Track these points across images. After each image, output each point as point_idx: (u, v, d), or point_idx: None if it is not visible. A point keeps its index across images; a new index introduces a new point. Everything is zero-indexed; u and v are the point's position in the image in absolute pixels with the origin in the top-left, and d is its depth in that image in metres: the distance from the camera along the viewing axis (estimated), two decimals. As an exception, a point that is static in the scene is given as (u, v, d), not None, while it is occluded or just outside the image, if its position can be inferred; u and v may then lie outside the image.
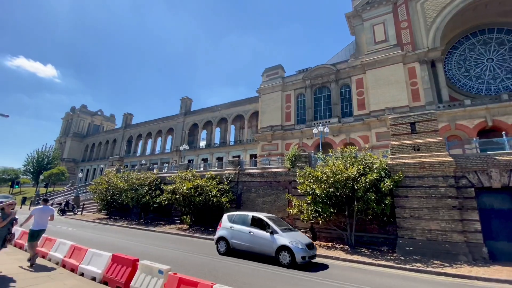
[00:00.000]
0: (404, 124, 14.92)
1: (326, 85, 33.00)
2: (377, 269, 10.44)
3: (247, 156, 40.18)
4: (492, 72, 28.44)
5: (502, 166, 12.26)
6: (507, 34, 28.41)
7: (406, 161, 13.83)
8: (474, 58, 29.56)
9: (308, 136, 31.46)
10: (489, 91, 27.95)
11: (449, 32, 29.43)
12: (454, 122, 24.33)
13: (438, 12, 27.69)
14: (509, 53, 28.06)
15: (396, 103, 26.84)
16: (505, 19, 28.11)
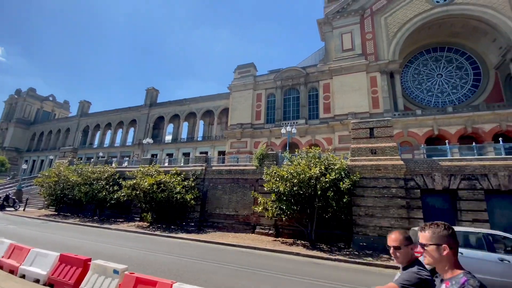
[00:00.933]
0: (364, 129, 16.07)
1: (296, 87, 34.02)
2: (333, 264, 11.14)
3: (215, 153, 39.69)
4: (440, 86, 31.95)
5: (444, 171, 13.89)
6: (455, 53, 32.13)
7: (364, 163, 14.93)
8: (426, 72, 32.90)
9: (276, 136, 32.15)
10: (437, 103, 31.37)
11: (407, 47, 32.30)
12: (407, 129, 26.86)
13: (399, 28, 30.23)
14: (455, 70, 31.77)
15: (358, 108, 28.73)
16: (455, 39, 31.75)
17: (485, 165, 13.26)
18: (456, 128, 25.34)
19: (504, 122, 23.90)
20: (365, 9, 32.00)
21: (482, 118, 24.61)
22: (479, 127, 24.60)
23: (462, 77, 31.37)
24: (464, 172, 13.48)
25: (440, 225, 1.77)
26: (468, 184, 13.27)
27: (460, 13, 28.26)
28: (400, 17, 30.54)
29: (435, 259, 1.70)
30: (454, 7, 28.41)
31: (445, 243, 1.68)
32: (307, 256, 12.20)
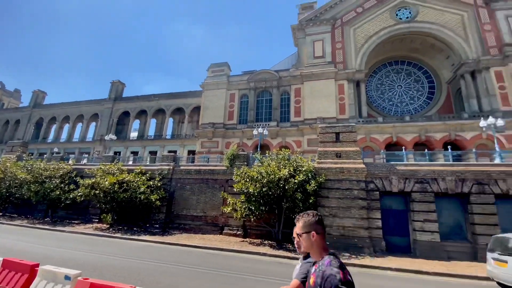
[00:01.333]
0: (330, 133, 16.85)
1: (269, 89, 34.53)
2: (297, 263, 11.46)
3: (184, 152, 38.60)
4: (400, 97, 34.73)
5: (400, 175, 15.10)
6: (414, 67, 35.16)
7: (330, 166, 15.65)
8: (388, 83, 35.54)
9: (248, 137, 32.28)
10: (396, 112, 34.04)
11: (373, 58, 34.60)
12: (369, 135, 28.73)
13: (366, 40, 32.27)
14: (413, 83, 34.77)
15: (326, 114, 30.05)
16: (414, 54, 34.74)
17: (435, 170, 14.69)
18: (412, 136, 27.71)
19: (453, 132, 26.69)
20: (336, 19, 33.63)
21: (434, 127, 27.25)
22: (431, 136, 27.18)
23: (419, 89, 34.44)
24: (417, 176, 14.79)
25: (309, 214, 1.92)
26: (420, 187, 14.58)
27: (419, 30, 31.01)
28: (367, 29, 32.62)
29: (307, 245, 1.85)
30: (415, 24, 31.11)
31: (313, 230, 1.83)
32: (273, 256, 12.42)
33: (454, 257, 13.21)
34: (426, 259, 12.92)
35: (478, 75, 28.14)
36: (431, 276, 10.40)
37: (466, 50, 28.86)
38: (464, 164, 14.87)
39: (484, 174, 13.98)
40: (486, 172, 13.99)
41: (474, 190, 13.88)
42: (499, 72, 27.20)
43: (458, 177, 14.24)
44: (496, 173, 13.88)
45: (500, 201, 13.69)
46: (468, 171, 14.25)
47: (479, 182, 13.94)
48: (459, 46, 29.27)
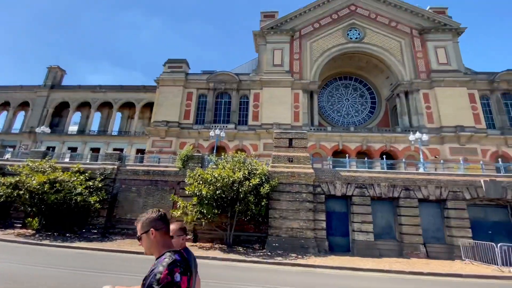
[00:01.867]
0: (284, 139, 17.56)
1: (228, 91, 34.46)
2: (247, 265, 11.58)
3: (132, 151, 35.86)
4: (347, 109, 38.08)
5: (343, 180, 16.46)
6: (360, 84, 38.97)
7: (282, 170, 16.27)
8: (337, 96, 38.72)
9: (204, 138, 31.60)
10: (343, 123, 37.22)
11: (326, 72, 37.34)
12: (319, 142, 30.81)
13: (320, 54, 34.69)
14: (359, 97, 38.49)
15: (282, 120, 31.29)
16: (360, 72, 38.54)
17: (372, 177, 16.42)
18: (356, 145, 30.58)
19: (388, 143, 30.25)
20: (295, 31, 35.44)
21: (374, 138, 30.53)
22: (371, 146, 30.39)
23: (363, 103, 38.28)
24: (357, 181, 16.33)
25: (149, 212, 1.78)
26: (360, 191, 16.12)
27: (365, 51, 34.60)
28: (322, 44, 35.11)
29: (148, 245, 1.71)
30: (362, 45, 34.60)
31: (151, 227, 1.70)
32: (223, 260, 12.29)
33: (385, 254, 14.88)
34: (362, 257, 14.27)
35: (410, 95, 32.56)
36: (365, 272, 11.52)
37: (402, 72, 33.18)
38: (395, 172, 16.97)
39: (410, 181, 16.14)
40: (412, 180, 16.18)
41: (402, 195, 15.91)
42: (427, 94, 31.90)
43: (390, 183, 16.16)
44: (419, 181, 16.16)
45: (422, 205, 15.95)
46: (398, 178, 16.28)
47: (406, 188, 16.03)
48: (396, 68, 33.50)
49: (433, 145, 29.30)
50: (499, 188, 15.44)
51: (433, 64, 32.69)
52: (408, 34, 34.67)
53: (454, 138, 28.97)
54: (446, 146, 29.03)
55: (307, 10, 36.05)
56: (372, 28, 35.14)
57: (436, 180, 16.10)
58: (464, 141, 28.72)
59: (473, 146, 28.67)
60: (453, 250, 14.76)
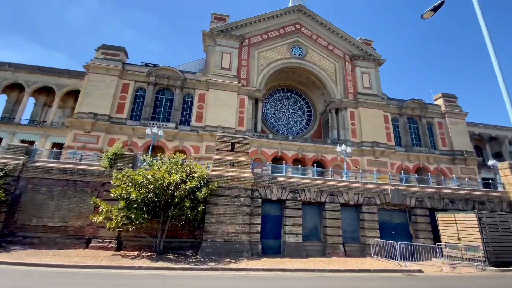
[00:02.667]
0: (227, 142, 17.46)
1: (171, 88, 32.58)
2: (178, 273, 10.88)
3: (47, 144, 30.34)
4: (287, 119, 40.49)
5: (279, 185, 17.23)
6: (300, 97, 41.97)
7: (222, 173, 16.08)
8: (280, 106, 40.87)
9: (140, 135, 28.94)
10: (283, 132, 39.39)
11: (271, 82, 39.03)
12: (261, 148, 31.80)
13: (267, 64, 36.15)
14: (298, 110, 41.37)
15: (227, 123, 31.19)
16: (301, 86, 41.59)
17: (304, 183, 17.68)
18: (292, 153, 32.64)
19: (320, 153, 33.23)
20: (245, 38, 36.09)
21: (308, 148, 33.15)
22: (306, 154, 32.89)
23: (301, 115, 41.34)
24: (291, 186, 17.34)
25: None
26: (293, 196, 17.14)
27: (306, 68, 37.58)
28: (269, 56, 36.66)
29: None
30: (304, 62, 37.48)
31: None
32: (151, 269, 11.27)
33: (311, 254, 16.09)
34: (291, 258, 15.08)
35: (340, 112, 36.67)
36: (293, 272, 12.18)
37: (335, 91, 37.18)
38: (324, 179, 18.67)
39: (335, 187, 17.98)
40: (336, 186, 18.06)
41: (328, 200, 17.57)
42: (353, 112, 36.41)
43: (319, 189, 17.69)
44: (342, 187, 18.14)
45: (343, 209, 17.90)
46: (325, 184, 17.95)
47: (331, 194, 17.79)
48: (330, 87, 37.35)
49: (355, 157, 33.50)
50: (401, 196, 18.57)
51: (359, 87, 37.66)
52: (342, 58, 39.23)
53: (371, 152, 33.76)
54: (364, 158, 33.55)
55: (257, 20, 37.23)
56: (313, 48, 38.49)
57: (355, 187, 18.35)
58: (378, 155, 33.75)
59: (384, 160, 33.92)
60: (365, 249, 16.96)
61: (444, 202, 19.30)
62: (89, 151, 25.05)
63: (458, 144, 37.37)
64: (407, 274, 12.85)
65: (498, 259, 14.84)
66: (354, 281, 10.92)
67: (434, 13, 8.68)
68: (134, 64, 32.48)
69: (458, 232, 16.27)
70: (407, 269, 13.40)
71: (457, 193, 19.94)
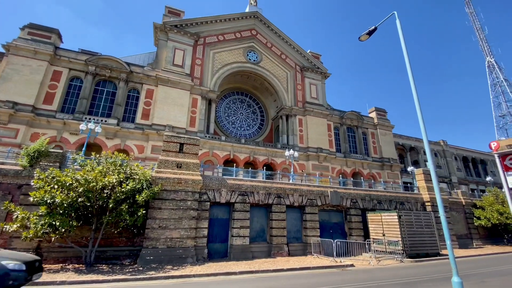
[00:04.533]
0: (175, 143, 16.55)
1: (114, 81, 29.53)
2: (110, 285, 9.73)
3: None
4: (240, 122, 40.66)
5: (229, 187, 17.03)
6: (254, 101, 42.63)
7: (168, 176, 15.13)
8: (234, 109, 40.83)
9: (73, 131, 25.37)
10: (236, 134, 39.41)
11: (225, 84, 38.71)
12: (212, 150, 31.14)
13: (222, 66, 35.78)
14: (251, 114, 41.92)
15: (177, 123, 29.68)
16: (255, 91, 42.30)
17: (253, 185, 17.86)
18: (244, 156, 32.83)
19: (270, 157, 34.18)
20: (200, 37, 35.09)
21: (260, 151, 33.80)
22: (257, 158, 33.45)
23: (254, 119, 42.00)
24: (241, 189, 17.32)
25: None
26: (242, 199, 17.13)
27: (261, 74, 38.43)
28: (224, 58, 36.37)
29: None
30: (258, 68, 38.25)
31: None
32: (77, 283, 9.84)
33: (257, 256, 16.26)
34: (237, 260, 14.99)
35: (290, 119, 38.44)
36: (238, 275, 12.08)
37: (286, 98, 38.86)
38: (272, 181, 19.18)
39: (282, 190, 18.63)
40: (283, 189, 18.73)
41: (275, 202, 18.08)
42: (301, 119, 38.54)
43: (267, 191, 18.08)
44: (289, 190, 18.90)
45: (288, 210, 18.64)
46: (273, 187, 18.46)
47: (278, 196, 18.37)
48: (282, 94, 38.91)
49: (302, 161, 35.45)
50: (339, 197, 20.24)
51: (307, 96, 40.15)
52: (293, 68, 41.34)
53: (316, 157, 36.20)
54: (310, 162, 35.77)
55: (214, 20, 36.66)
56: (267, 55, 39.64)
57: (300, 189, 19.33)
58: (322, 160, 36.38)
59: (327, 164, 36.73)
60: (307, 247, 17.91)
61: (373, 203, 21.75)
62: (4, 146, 20.88)
63: (386, 152, 42.90)
64: (341, 269, 13.99)
65: (413, 251, 17.34)
66: (295, 279, 11.37)
67: (369, 36, 9.74)
68: (69, 50, 28.47)
69: (383, 229, 18.49)
70: (342, 265, 14.59)
71: (383, 195, 22.70)
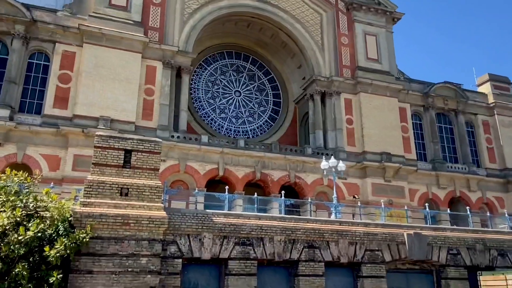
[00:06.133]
0: (117, 149, 16.55)
1: (3, 38, 29.81)
2: None
3: None
4: (236, 109, 40.73)
5: (217, 230, 16.98)
6: (260, 69, 42.65)
7: (105, 211, 15.10)
8: (223, 84, 41.03)
9: None
10: (229, 130, 39.53)
11: (207, 40, 38.95)
12: (186, 161, 31.21)
13: (199, 6, 35.90)
14: (256, 92, 41.97)
15: (119, 113, 29.82)
16: (262, 50, 42.47)
17: (263, 226, 17.79)
18: (245, 171, 32.91)
19: (293, 172, 34.13)
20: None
21: (274, 162, 33.81)
22: (268, 174, 33.46)
23: (262, 102, 42.09)
24: (239, 233, 17.23)
25: None
26: (242, 251, 17.04)
27: (271, 17, 38.57)
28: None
29: None
30: (266, 6, 38.42)
31: None
32: None
33: None
34: None
35: (328, 100, 38.37)
36: None
37: (320, 62, 38.84)
38: (297, 218, 19.09)
39: (317, 233, 18.50)
40: (320, 232, 18.60)
41: (303, 257, 17.94)
42: (349, 101, 38.47)
43: (289, 237, 17.97)
44: (329, 233, 18.76)
45: (329, 272, 18.48)
46: (299, 228, 18.35)
47: (310, 245, 18.23)
48: (313, 54, 38.92)
49: (353, 178, 35.32)
50: (424, 246, 19.95)
51: (360, 58, 40.07)
52: (333, 4, 41.30)
53: (379, 170, 35.98)
54: (368, 181, 35.59)
55: None
56: (283, -17, 39.68)
57: (351, 232, 19.15)
58: (391, 176, 36.11)
59: (400, 184, 36.50)
60: None
61: (491, 256, 21.36)
62: None
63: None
64: None
65: None
66: None
67: None
68: None
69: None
70: None
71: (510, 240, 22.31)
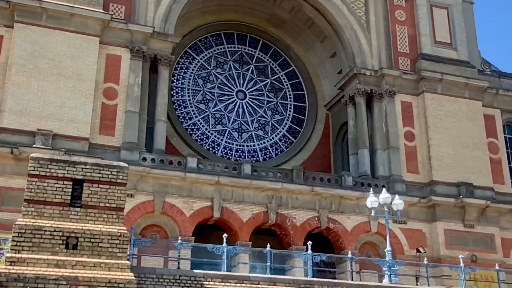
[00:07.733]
0: (61, 179, 16.60)
1: None
2: None
3: None
4: (240, 117, 40.70)
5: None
6: (274, 59, 42.75)
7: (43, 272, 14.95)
8: (220, 81, 41.12)
9: None
10: (229, 150, 39.47)
11: (196, 16, 39.38)
12: (164, 197, 31.12)
13: (186, -34, 36.45)
14: (269, 92, 42.00)
15: (66, 125, 29.98)
16: (277, 31, 42.70)
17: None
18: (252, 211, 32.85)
19: (325, 212, 33.76)
20: None
21: (295, 197, 33.61)
22: (288, 216, 33.17)
23: (277, 108, 42.04)
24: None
25: None
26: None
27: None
28: None
29: None
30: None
31: None
32: None
33: None
34: None
35: (377, 104, 38.12)
36: None
37: (364, 47, 38.83)
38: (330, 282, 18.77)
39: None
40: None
41: None
42: (408, 105, 38.20)
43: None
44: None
45: None
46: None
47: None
48: (353, 36, 38.91)
49: (415, 223, 34.82)
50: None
51: (424, 41, 39.97)
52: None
53: (455, 210, 35.51)
54: (439, 226, 35.07)
55: None
56: None
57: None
58: (474, 219, 35.59)
59: (488, 231, 35.94)
60: None
61: None
62: None
63: None
64: None
65: None
66: None
67: None
68: None
69: None
70: None
71: None
